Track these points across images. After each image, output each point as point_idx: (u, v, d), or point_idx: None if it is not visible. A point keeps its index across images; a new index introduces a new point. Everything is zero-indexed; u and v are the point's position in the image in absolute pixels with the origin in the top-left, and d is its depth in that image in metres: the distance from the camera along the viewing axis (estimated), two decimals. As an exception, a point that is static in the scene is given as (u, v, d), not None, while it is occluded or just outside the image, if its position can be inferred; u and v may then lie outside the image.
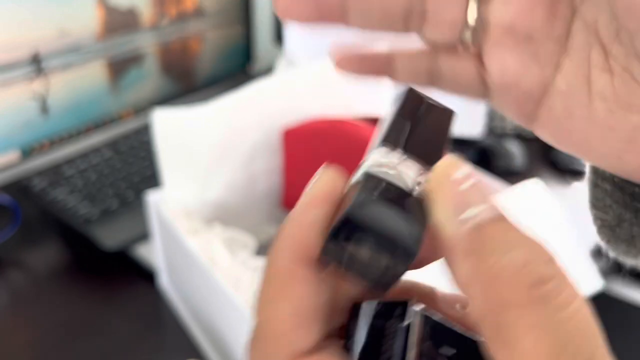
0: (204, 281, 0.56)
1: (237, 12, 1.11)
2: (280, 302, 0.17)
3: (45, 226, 0.82)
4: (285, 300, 0.17)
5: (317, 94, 0.71)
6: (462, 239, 0.16)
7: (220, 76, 1.12)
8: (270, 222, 0.76)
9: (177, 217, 0.63)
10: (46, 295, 0.70)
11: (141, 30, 0.96)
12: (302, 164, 0.68)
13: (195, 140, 0.65)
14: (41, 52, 0.83)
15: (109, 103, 0.94)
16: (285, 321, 0.17)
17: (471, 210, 0.16)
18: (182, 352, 0.62)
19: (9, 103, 0.81)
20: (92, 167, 0.84)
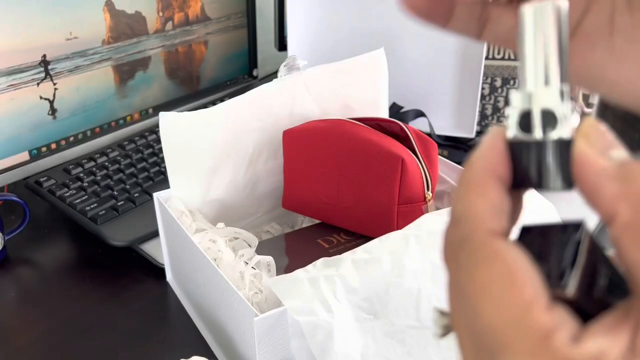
0: (208, 278, 0.58)
1: (241, 17, 1.13)
2: (478, 197, 0.22)
3: (54, 224, 0.83)
4: (481, 196, 0.22)
5: (317, 97, 0.73)
6: (611, 168, 0.20)
7: (224, 80, 1.14)
8: (271, 221, 0.77)
9: (181, 215, 0.64)
10: (54, 292, 0.71)
11: (147, 35, 0.97)
12: (303, 164, 0.69)
13: (199, 142, 0.66)
14: (49, 56, 0.84)
15: (116, 105, 0.96)
16: (482, 209, 0.22)
17: (616, 151, 0.20)
18: (189, 347, 0.63)
19: (18, 105, 0.82)
20: (99, 167, 0.86)
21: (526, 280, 0.20)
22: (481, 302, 0.20)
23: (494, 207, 0.22)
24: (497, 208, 0.22)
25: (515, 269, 0.20)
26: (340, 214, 0.67)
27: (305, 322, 0.49)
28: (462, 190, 0.22)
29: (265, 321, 0.49)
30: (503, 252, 0.21)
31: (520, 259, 0.21)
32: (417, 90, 1.00)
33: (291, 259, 0.65)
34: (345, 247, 0.65)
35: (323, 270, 0.53)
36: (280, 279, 0.53)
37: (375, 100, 0.77)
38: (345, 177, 0.66)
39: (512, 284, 0.20)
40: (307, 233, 0.70)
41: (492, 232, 0.21)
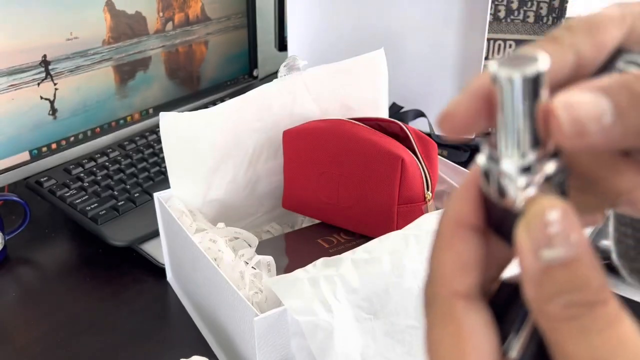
0: (208, 277, 0.58)
1: (241, 17, 1.13)
2: (445, 253, 0.21)
3: (54, 224, 0.83)
4: (448, 251, 0.21)
5: (317, 97, 0.73)
6: (533, 271, 0.18)
7: (225, 80, 1.14)
8: (271, 221, 0.77)
9: (182, 215, 0.64)
10: (55, 292, 0.71)
11: (147, 35, 0.97)
12: (302, 164, 0.69)
13: (200, 142, 0.66)
14: (50, 56, 0.84)
15: (116, 105, 0.96)
16: (448, 267, 0.21)
17: (547, 251, 0.18)
18: (189, 347, 0.63)
19: (18, 105, 0.83)
20: (99, 167, 0.86)
21: (474, 347, 0.20)
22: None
23: (461, 263, 0.21)
24: (463, 264, 0.21)
25: (466, 336, 0.20)
26: (340, 214, 0.67)
27: (305, 322, 0.49)
28: (433, 244, 0.22)
29: (265, 321, 0.49)
30: (459, 317, 0.20)
31: (476, 324, 0.20)
32: (417, 90, 1.00)
33: (291, 259, 0.65)
34: (345, 247, 0.65)
35: (323, 270, 0.53)
36: (280, 278, 0.53)
37: (375, 100, 0.77)
38: (345, 177, 0.66)
39: (459, 350, 0.20)
40: (307, 233, 0.70)
41: (455, 293, 0.21)
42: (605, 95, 0.18)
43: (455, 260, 0.21)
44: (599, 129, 0.18)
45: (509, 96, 0.19)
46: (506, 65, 0.19)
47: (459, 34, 0.95)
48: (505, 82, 0.19)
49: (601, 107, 0.18)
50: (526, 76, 0.18)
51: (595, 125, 0.18)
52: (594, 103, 0.18)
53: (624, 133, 0.18)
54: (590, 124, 0.18)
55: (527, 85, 0.18)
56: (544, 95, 0.19)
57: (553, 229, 0.18)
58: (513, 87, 0.19)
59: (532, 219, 0.19)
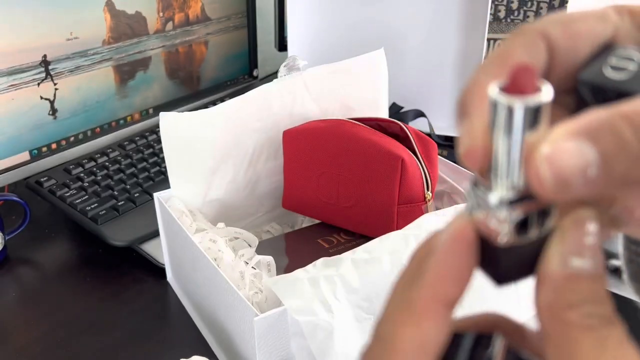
0: (208, 277, 0.58)
1: (241, 17, 1.13)
2: (409, 327, 0.19)
3: (54, 224, 0.83)
4: (414, 327, 0.19)
5: (317, 97, 0.73)
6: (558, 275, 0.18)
7: (225, 80, 1.14)
8: (271, 221, 0.77)
9: (182, 215, 0.64)
10: (55, 292, 0.71)
11: (147, 35, 0.97)
12: (302, 164, 0.69)
13: (200, 142, 0.66)
14: (50, 56, 0.84)
15: (116, 106, 0.96)
16: (409, 344, 0.19)
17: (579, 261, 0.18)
18: (189, 347, 0.63)
19: (18, 105, 0.83)
20: (99, 167, 0.86)
21: None
22: None
23: (423, 346, 0.19)
24: (425, 347, 0.19)
25: None
26: (340, 214, 0.67)
27: (305, 322, 0.49)
28: (396, 306, 0.20)
29: (265, 321, 0.49)
30: None
31: None
32: (417, 90, 1.00)
33: (291, 259, 0.65)
34: (345, 247, 0.65)
35: (323, 270, 0.53)
36: (280, 278, 0.53)
37: (375, 100, 0.77)
38: (345, 177, 0.66)
39: None
40: (307, 233, 0.70)
41: None
42: (589, 142, 0.17)
43: (420, 340, 0.19)
44: (583, 182, 0.17)
45: (507, 125, 0.18)
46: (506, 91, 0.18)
47: (459, 34, 0.95)
48: (504, 110, 0.17)
49: (586, 158, 0.17)
50: (528, 106, 0.17)
51: (579, 179, 0.17)
52: (578, 154, 0.17)
53: (609, 182, 0.18)
54: (574, 178, 0.17)
55: (527, 116, 0.17)
56: (543, 126, 0.18)
57: (589, 240, 0.18)
58: (513, 116, 0.17)
59: (570, 226, 0.18)
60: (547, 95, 0.17)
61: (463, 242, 0.19)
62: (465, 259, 0.19)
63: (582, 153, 0.17)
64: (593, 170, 0.17)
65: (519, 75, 0.17)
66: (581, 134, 0.17)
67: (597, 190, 0.18)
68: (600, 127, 0.17)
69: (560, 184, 0.17)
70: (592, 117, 0.18)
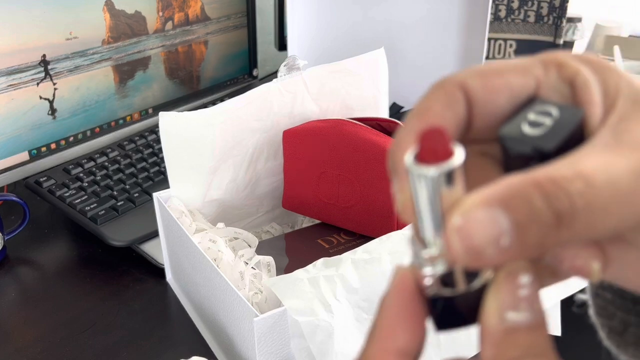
0: (208, 278, 0.58)
1: (240, 17, 1.13)
2: None
3: (54, 224, 0.83)
4: None
5: (317, 97, 0.73)
6: (496, 330, 0.19)
7: (224, 80, 1.14)
8: (271, 221, 0.77)
9: (181, 215, 0.64)
10: (54, 292, 0.71)
11: (147, 35, 0.97)
12: (302, 164, 0.69)
13: (199, 142, 0.66)
14: (49, 56, 0.84)
15: (116, 105, 0.96)
16: None
17: (514, 315, 0.19)
18: (188, 346, 0.63)
19: (18, 105, 0.82)
20: (98, 167, 0.86)
21: None
22: None
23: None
24: None
25: None
26: (340, 214, 0.67)
27: (305, 323, 0.49)
28: None
29: (265, 321, 0.49)
30: None
31: None
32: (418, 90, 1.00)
33: (291, 259, 0.65)
34: (345, 247, 0.65)
35: (323, 271, 0.52)
36: (280, 279, 0.52)
37: (375, 100, 0.77)
38: (345, 177, 0.66)
39: None
40: (307, 233, 0.70)
41: None
42: (502, 211, 0.17)
43: None
44: (497, 251, 0.18)
45: (421, 190, 0.19)
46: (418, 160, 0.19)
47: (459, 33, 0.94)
48: (418, 177, 0.18)
49: (499, 227, 0.17)
50: (439, 173, 0.18)
51: (492, 249, 0.18)
52: (490, 224, 0.17)
53: (524, 250, 0.18)
54: (486, 248, 0.18)
55: (438, 181, 0.18)
56: (459, 186, 0.19)
57: (523, 292, 0.19)
58: (425, 183, 0.18)
59: (503, 280, 0.19)
60: (459, 158, 0.18)
61: (405, 293, 0.20)
62: (409, 309, 0.20)
63: (494, 222, 0.17)
64: (507, 239, 0.17)
65: (429, 141, 0.18)
66: (494, 203, 0.18)
67: (513, 258, 0.18)
68: (513, 196, 0.18)
69: (471, 255, 0.18)
70: (505, 185, 0.18)
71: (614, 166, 0.18)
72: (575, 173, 0.18)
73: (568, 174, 0.18)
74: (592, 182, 0.18)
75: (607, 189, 0.18)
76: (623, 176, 0.18)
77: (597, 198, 0.18)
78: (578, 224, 0.18)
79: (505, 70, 0.22)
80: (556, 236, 0.18)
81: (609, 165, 0.18)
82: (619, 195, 0.18)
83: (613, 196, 0.18)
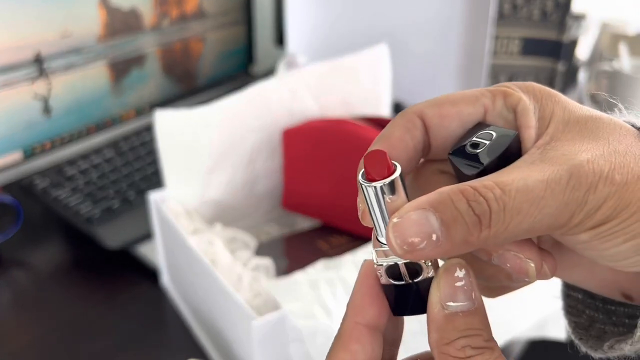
0: (205, 280, 0.57)
1: (238, 13, 1.12)
2: (341, 351, 0.24)
3: (48, 225, 0.82)
4: (344, 350, 0.24)
5: (318, 94, 0.72)
6: (439, 317, 0.23)
7: (222, 77, 1.13)
8: (270, 222, 0.76)
9: (178, 216, 0.63)
10: (48, 294, 0.70)
11: (143, 32, 0.96)
12: (302, 164, 0.69)
13: (196, 141, 0.65)
14: (43, 53, 0.83)
15: (111, 104, 0.95)
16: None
17: (453, 304, 0.23)
18: (184, 350, 0.62)
19: (11, 104, 0.81)
20: (93, 167, 0.85)
21: None
22: None
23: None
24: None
25: None
26: (340, 214, 0.67)
27: (304, 326, 0.48)
28: (333, 343, 0.24)
29: (264, 325, 0.48)
30: None
31: None
32: (420, 88, 0.99)
33: (290, 261, 0.64)
34: (345, 248, 0.64)
35: (323, 273, 0.52)
36: (279, 281, 0.52)
37: (377, 97, 0.76)
38: (345, 177, 0.65)
39: None
40: (306, 234, 0.70)
41: None
42: (432, 213, 0.21)
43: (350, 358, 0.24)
44: (429, 245, 0.21)
45: (368, 199, 0.23)
46: None
47: (463, 30, 0.93)
48: (366, 189, 0.23)
49: (429, 225, 0.21)
50: (384, 183, 0.22)
51: (425, 243, 0.21)
52: (422, 222, 0.21)
53: (452, 245, 0.22)
54: (420, 243, 0.21)
55: (383, 190, 0.22)
56: (400, 196, 0.23)
57: (459, 284, 0.23)
58: (369, 193, 0.23)
59: (442, 275, 0.23)
60: (396, 174, 0.23)
61: (369, 279, 0.25)
62: (373, 289, 0.24)
63: (425, 221, 0.21)
64: (436, 236, 0.21)
65: (371, 161, 0.23)
66: (426, 205, 0.22)
67: (447, 253, 0.22)
68: (442, 200, 0.22)
69: (406, 248, 0.22)
70: (437, 192, 0.22)
71: (530, 177, 0.22)
72: (495, 182, 0.22)
73: (488, 184, 0.22)
74: (507, 190, 0.22)
75: (521, 195, 0.22)
76: (536, 185, 0.22)
77: (512, 202, 0.21)
78: (496, 224, 0.22)
79: (458, 101, 0.26)
80: (479, 235, 0.21)
81: (526, 177, 0.22)
82: (530, 200, 0.21)
83: (525, 201, 0.21)
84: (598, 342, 0.28)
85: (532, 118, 0.25)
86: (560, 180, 0.22)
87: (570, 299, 0.30)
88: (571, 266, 0.27)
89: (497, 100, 0.26)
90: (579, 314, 0.29)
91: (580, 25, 0.97)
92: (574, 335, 0.29)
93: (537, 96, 0.25)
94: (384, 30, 0.97)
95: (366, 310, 0.24)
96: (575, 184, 0.22)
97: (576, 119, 0.24)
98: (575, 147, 0.23)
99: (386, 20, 0.98)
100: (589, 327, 0.29)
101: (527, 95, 0.25)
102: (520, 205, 0.21)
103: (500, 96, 0.25)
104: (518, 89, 0.26)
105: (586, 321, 0.29)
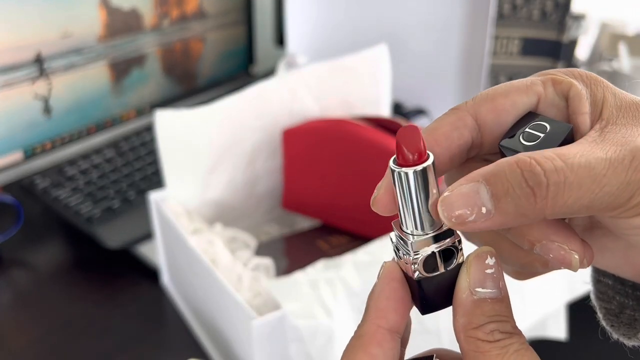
0: (205, 280, 0.57)
1: (238, 13, 1.12)
2: (360, 352, 0.24)
3: (48, 225, 0.82)
4: (364, 352, 0.24)
5: (318, 95, 0.72)
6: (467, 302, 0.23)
7: (222, 77, 1.13)
8: (270, 222, 0.76)
9: (178, 216, 0.63)
10: (49, 294, 0.70)
11: (143, 32, 0.96)
12: (302, 163, 0.68)
13: (196, 141, 0.65)
14: (44, 54, 0.83)
15: (111, 104, 0.95)
16: None
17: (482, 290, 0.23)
18: (184, 350, 0.62)
19: (12, 104, 0.81)
20: (94, 167, 0.85)
21: None
22: None
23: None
24: None
25: None
26: (341, 214, 0.66)
27: (304, 326, 0.48)
28: (351, 340, 0.24)
29: (264, 325, 0.48)
30: None
31: None
32: (420, 88, 0.99)
33: (291, 261, 0.64)
34: (346, 248, 0.64)
35: (323, 272, 0.52)
36: (279, 281, 0.52)
37: (377, 97, 0.76)
38: (346, 177, 0.65)
39: None
40: (307, 234, 0.69)
41: None
42: (484, 185, 0.21)
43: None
44: (479, 217, 0.22)
45: (405, 186, 0.23)
46: None
47: (463, 30, 0.93)
48: (398, 175, 0.23)
49: (480, 197, 0.21)
50: (416, 170, 0.22)
51: (474, 216, 0.22)
52: (472, 194, 0.21)
53: (504, 218, 0.22)
54: (470, 215, 0.22)
55: (417, 177, 0.22)
56: (432, 182, 0.23)
57: (489, 271, 0.23)
58: (407, 179, 0.23)
59: (472, 261, 0.23)
60: (429, 161, 0.22)
61: (392, 279, 0.24)
62: (397, 293, 0.24)
63: (476, 193, 0.21)
64: (488, 207, 0.21)
65: (405, 140, 0.23)
66: (478, 178, 0.22)
67: (503, 224, 0.22)
68: (495, 172, 0.22)
69: (454, 219, 0.22)
70: (493, 164, 0.22)
71: (592, 154, 0.22)
72: (556, 154, 0.21)
73: (549, 155, 0.21)
74: (570, 163, 0.21)
75: (583, 170, 0.21)
76: (599, 162, 0.21)
77: (573, 175, 0.21)
78: (554, 196, 0.21)
79: (510, 91, 0.25)
80: (533, 207, 0.21)
81: (588, 153, 0.22)
82: (592, 176, 0.21)
83: (588, 176, 0.21)
84: (630, 329, 0.28)
85: (585, 104, 0.24)
86: (623, 160, 0.21)
87: (601, 285, 0.29)
88: (602, 251, 0.27)
89: (547, 88, 0.25)
90: (609, 300, 0.29)
91: (580, 26, 0.97)
92: (605, 322, 0.29)
93: (586, 82, 0.25)
94: (384, 30, 0.97)
95: (390, 315, 0.24)
96: (638, 165, 0.21)
97: (627, 105, 0.24)
98: (633, 131, 0.23)
99: (386, 21, 0.98)
100: (620, 314, 0.29)
101: (577, 81, 0.25)
102: (581, 179, 0.21)
103: (550, 83, 0.25)
104: (565, 75, 0.25)
105: (617, 307, 0.29)
